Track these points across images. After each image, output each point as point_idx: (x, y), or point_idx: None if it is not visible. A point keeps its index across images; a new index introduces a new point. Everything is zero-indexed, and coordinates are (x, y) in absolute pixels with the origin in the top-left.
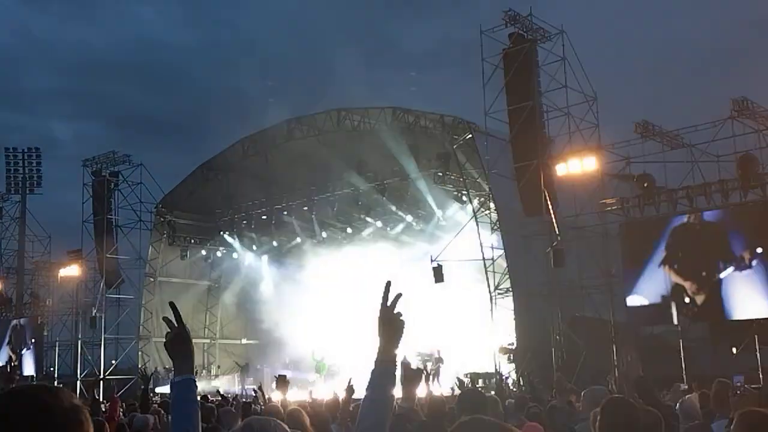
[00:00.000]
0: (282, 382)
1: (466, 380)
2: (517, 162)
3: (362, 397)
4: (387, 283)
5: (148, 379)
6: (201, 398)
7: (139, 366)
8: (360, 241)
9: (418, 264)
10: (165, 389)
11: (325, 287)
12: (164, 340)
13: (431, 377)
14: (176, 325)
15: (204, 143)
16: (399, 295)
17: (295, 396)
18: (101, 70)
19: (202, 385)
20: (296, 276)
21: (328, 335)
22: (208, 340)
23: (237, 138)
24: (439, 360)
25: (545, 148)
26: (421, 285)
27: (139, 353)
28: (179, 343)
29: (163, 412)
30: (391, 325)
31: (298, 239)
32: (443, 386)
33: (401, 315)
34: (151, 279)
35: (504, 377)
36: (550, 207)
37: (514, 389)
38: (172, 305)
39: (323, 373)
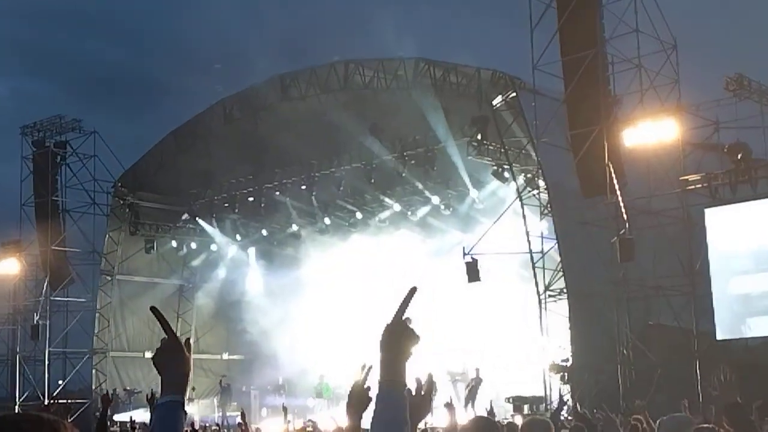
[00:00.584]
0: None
1: (507, 406)
2: (573, 128)
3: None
4: (411, 290)
5: (107, 402)
6: None
7: (94, 387)
8: (373, 228)
9: (448, 258)
10: (126, 416)
11: (329, 288)
12: (126, 353)
13: (467, 402)
14: (165, 331)
15: (175, 105)
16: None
17: (293, 425)
18: (45, 15)
19: None
20: (292, 273)
21: (332, 349)
22: None
23: (217, 98)
24: (477, 381)
25: (610, 109)
26: (452, 285)
27: (94, 371)
28: (167, 354)
29: None
30: (400, 336)
31: (295, 226)
32: (481, 412)
33: (414, 327)
34: (108, 277)
35: (560, 403)
36: (616, 185)
37: (569, 417)
38: (155, 311)
39: (327, 396)
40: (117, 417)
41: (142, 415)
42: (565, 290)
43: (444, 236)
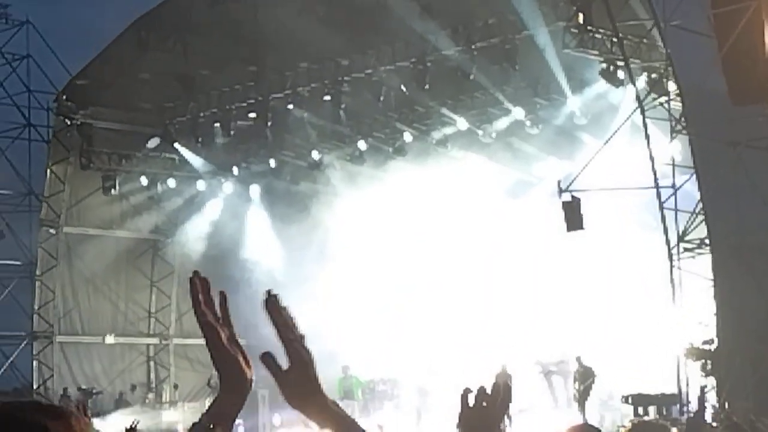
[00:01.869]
0: None
1: (626, 409)
2: (718, 4)
3: None
4: (270, 300)
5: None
6: None
7: (36, 386)
8: (429, 155)
9: (536, 195)
10: None
11: (364, 241)
12: (80, 338)
13: (580, 404)
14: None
15: None
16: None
17: None
18: None
19: (145, 420)
20: (311, 221)
21: (365, 328)
22: (154, 340)
23: None
24: (586, 373)
25: None
26: (543, 234)
27: (35, 363)
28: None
29: None
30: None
31: (316, 153)
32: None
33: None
34: (51, 230)
35: (702, 403)
36: None
37: (716, 425)
38: (198, 279)
39: (357, 395)
40: None
41: (106, 426)
42: (707, 242)
43: (531, 164)
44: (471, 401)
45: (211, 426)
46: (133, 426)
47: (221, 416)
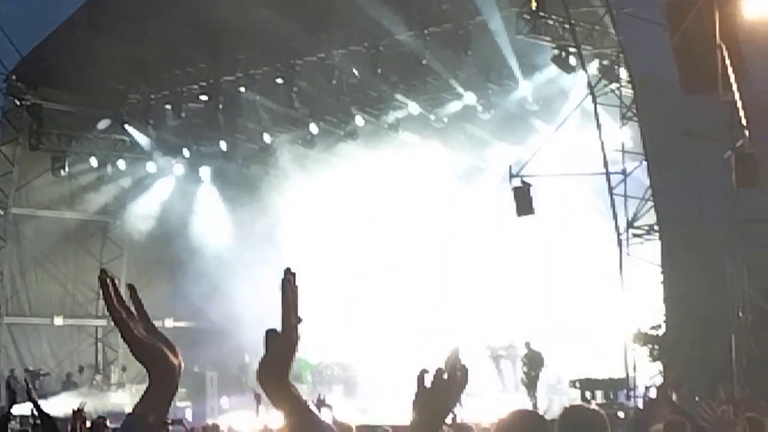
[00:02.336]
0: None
1: (573, 393)
2: None
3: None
4: (287, 281)
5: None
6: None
7: None
8: (380, 139)
9: (488, 180)
10: (26, 409)
11: (314, 224)
12: (27, 319)
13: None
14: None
15: None
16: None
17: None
18: None
19: (92, 402)
20: (262, 203)
21: (318, 312)
22: (102, 322)
23: None
24: (533, 358)
25: None
26: (493, 218)
27: None
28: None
29: None
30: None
31: (267, 137)
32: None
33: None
34: (0, 211)
35: (646, 391)
36: (731, 76)
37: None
38: (106, 277)
39: (305, 378)
40: (17, 409)
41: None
42: (656, 228)
43: (482, 150)
44: (428, 382)
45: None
46: (80, 408)
47: (153, 406)
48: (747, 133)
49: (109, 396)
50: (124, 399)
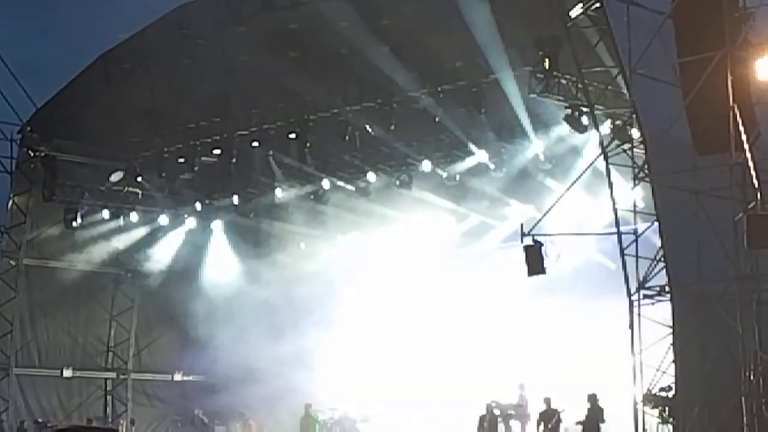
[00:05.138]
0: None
1: None
2: (684, 53)
3: None
4: None
5: None
6: None
7: None
8: (392, 193)
9: (498, 238)
10: None
11: (324, 279)
12: (37, 370)
13: None
14: None
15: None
16: None
17: None
18: None
19: None
20: (272, 258)
21: (329, 367)
22: (112, 374)
23: (169, 5)
24: (553, 413)
25: (738, 27)
26: (504, 278)
27: None
28: None
29: None
30: None
31: (279, 192)
32: None
33: None
34: (12, 262)
35: None
36: (744, 138)
37: None
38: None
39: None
40: None
41: None
42: (667, 289)
43: (493, 207)
44: None
45: None
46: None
47: None
48: (760, 195)
49: None
50: None
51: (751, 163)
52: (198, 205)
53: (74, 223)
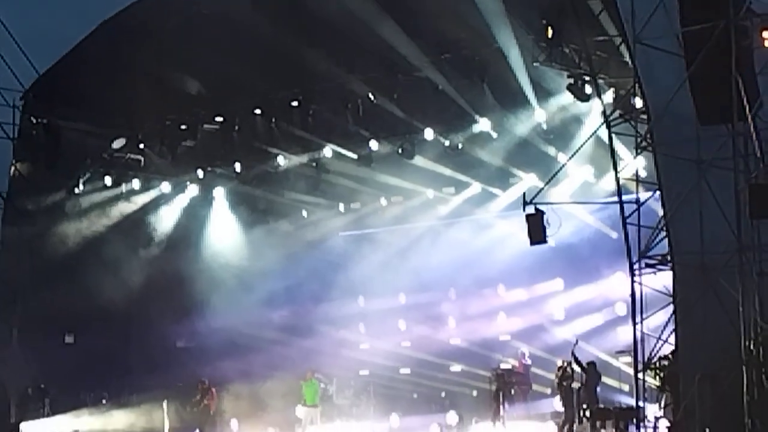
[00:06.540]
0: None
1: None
2: (687, 23)
3: None
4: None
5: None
6: None
7: None
8: (391, 162)
9: (497, 206)
10: (36, 426)
11: (328, 245)
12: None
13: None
14: None
15: None
16: None
17: None
18: None
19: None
20: (275, 225)
21: (330, 334)
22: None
23: None
24: (570, 376)
25: None
26: (505, 246)
27: None
28: None
29: None
30: None
31: (282, 159)
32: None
33: None
34: (14, 229)
35: (656, 422)
36: (746, 108)
37: None
38: None
39: (311, 399)
40: (26, 426)
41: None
42: (669, 258)
43: (496, 176)
44: None
45: None
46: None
47: None
48: (762, 165)
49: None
50: (130, 419)
51: (753, 133)
52: (200, 173)
53: (76, 190)
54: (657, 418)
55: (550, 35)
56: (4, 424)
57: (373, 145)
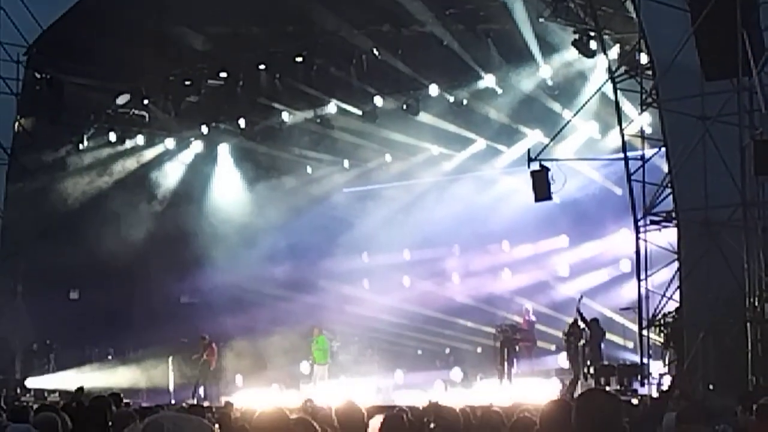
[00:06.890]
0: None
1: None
2: None
3: None
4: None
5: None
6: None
7: None
8: (395, 118)
9: (502, 162)
10: (41, 382)
11: (332, 201)
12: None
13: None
14: None
15: None
16: None
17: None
18: None
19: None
20: (280, 181)
21: (335, 290)
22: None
23: None
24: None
25: None
26: (510, 202)
27: None
28: None
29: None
30: None
31: (286, 115)
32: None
33: None
34: (19, 184)
35: (660, 378)
36: (752, 63)
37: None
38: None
39: (321, 357)
40: (31, 382)
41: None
42: (674, 215)
43: (501, 132)
44: None
45: None
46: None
47: None
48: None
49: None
50: (135, 375)
51: (759, 89)
52: (204, 129)
53: (81, 146)
54: (661, 375)
55: None
56: (9, 380)
57: (378, 101)
